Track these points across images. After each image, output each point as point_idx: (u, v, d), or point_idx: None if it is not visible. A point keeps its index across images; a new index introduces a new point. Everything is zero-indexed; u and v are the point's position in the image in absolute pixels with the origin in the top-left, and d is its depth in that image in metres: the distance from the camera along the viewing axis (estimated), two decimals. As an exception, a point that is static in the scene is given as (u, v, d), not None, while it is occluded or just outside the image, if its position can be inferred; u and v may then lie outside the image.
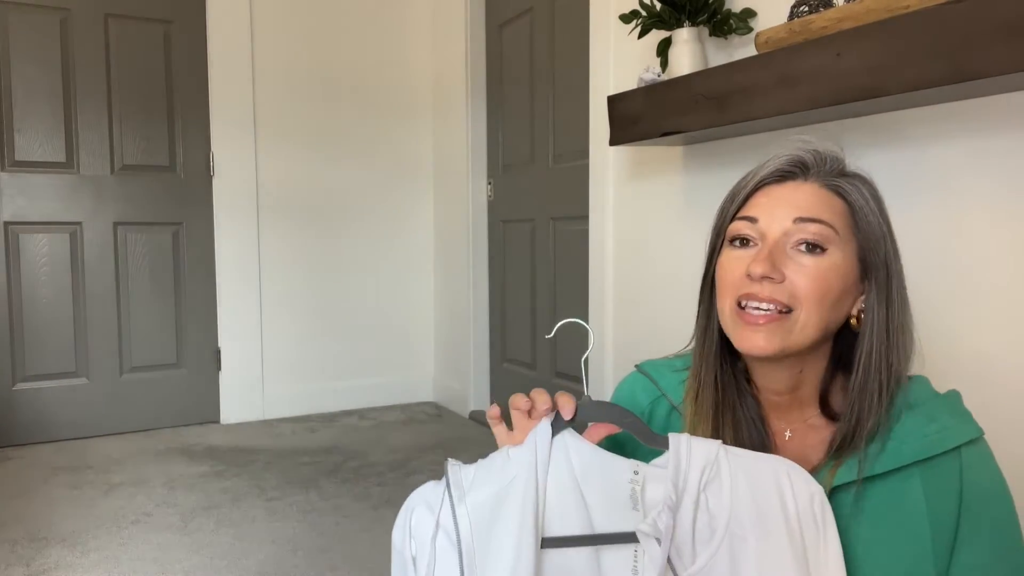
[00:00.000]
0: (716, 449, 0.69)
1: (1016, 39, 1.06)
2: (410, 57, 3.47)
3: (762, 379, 0.82)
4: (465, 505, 0.66)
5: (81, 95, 2.91)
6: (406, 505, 0.69)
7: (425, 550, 0.66)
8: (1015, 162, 1.26)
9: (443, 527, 0.66)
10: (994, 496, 0.74)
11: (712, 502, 0.67)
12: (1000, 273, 1.30)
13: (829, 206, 0.76)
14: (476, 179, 3.22)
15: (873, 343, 0.76)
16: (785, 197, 0.77)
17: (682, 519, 0.66)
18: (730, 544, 0.65)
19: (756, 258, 0.75)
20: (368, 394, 3.46)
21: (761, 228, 0.77)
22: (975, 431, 0.75)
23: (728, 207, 0.81)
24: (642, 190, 2.18)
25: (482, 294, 3.27)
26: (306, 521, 2.14)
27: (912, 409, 0.76)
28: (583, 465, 0.68)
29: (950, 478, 0.73)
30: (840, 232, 0.75)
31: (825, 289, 0.74)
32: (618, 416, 0.71)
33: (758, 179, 0.79)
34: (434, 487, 0.69)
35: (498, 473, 0.68)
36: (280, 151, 3.22)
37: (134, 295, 3.04)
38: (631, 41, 2.07)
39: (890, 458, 0.73)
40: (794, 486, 0.68)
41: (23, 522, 2.14)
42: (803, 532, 0.67)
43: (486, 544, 0.65)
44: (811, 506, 0.68)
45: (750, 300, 0.75)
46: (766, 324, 0.74)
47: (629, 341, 2.27)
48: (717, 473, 0.67)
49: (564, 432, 0.69)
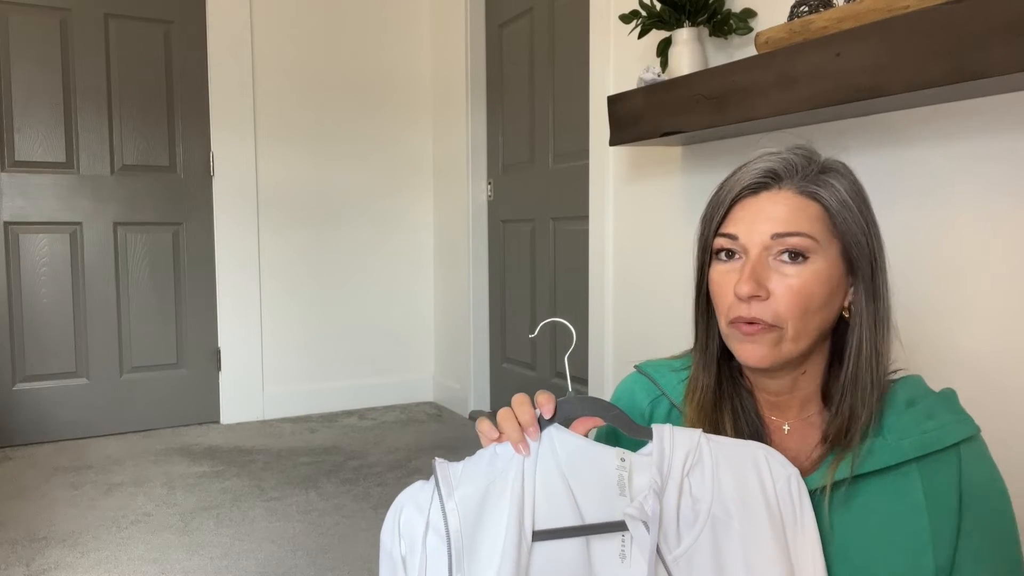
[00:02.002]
0: (698, 437, 0.71)
1: (1016, 39, 1.06)
2: (410, 57, 3.47)
3: (762, 383, 0.83)
4: (454, 499, 0.67)
5: (81, 95, 2.91)
6: (394, 505, 0.69)
7: (416, 549, 0.66)
8: (1015, 162, 1.26)
9: (433, 526, 0.67)
10: (992, 492, 0.76)
11: (695, 487, 0.69)
12: (1000, 273, 1.29)
13: (806, 214, 0.76)
14: (476, 179, 3.22)
15: (863, 336, 0.78)
16: (762, 210, 0.77)
17: (667, 503, 0.68)
18: (713, 527, 0.68)
19: (741, 277, 0.76)
20: (368, 394, 3.46)
21: (742, 244, 0.78)
22: (972, 428, 0.76)
23: (709, 222, 0.82)
24: (642, 190, 2.18)
25: (482, 294, 3.27)
26: (306, 521, 2.14)
27: (912, 406, 0.77)
28: (570, 457, 0.69)
29: (949, 474, 0.74)
30: (820, 239, 0.76)
31: (807, 300, 0.75)
32: (601, 410, 0.72)
33: (734, 194, 0.79)
34: (422, 486, 0.70)
35: (486, 468, 0.69)
36: (280, 151, 3.22)
37: (134, 295, 3.04)
38: (631, 41, 2.08)
39: (889, 454, 0.74)
40: (772, 470, 0.71)
41: (23, 522, 2.14)
42: (782, 513, 0.70)
43: (474, 538, 0.66)
44: (788, 488, 0.71)
45: (741, 322, 0.77)
46: (759, 335, 0.76)
47: (629, 341, 2.27)
48: (699, 459, 0.70)
49: (550, 427, 0.70)
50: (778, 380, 0.81)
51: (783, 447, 0.81)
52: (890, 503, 0.74)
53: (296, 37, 3.24)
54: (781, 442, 0.82)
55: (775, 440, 0.83)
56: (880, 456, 0.74)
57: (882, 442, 0.75)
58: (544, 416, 0.71)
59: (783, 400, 0.83)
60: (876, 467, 0.74)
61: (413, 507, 0.68)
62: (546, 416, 0.71)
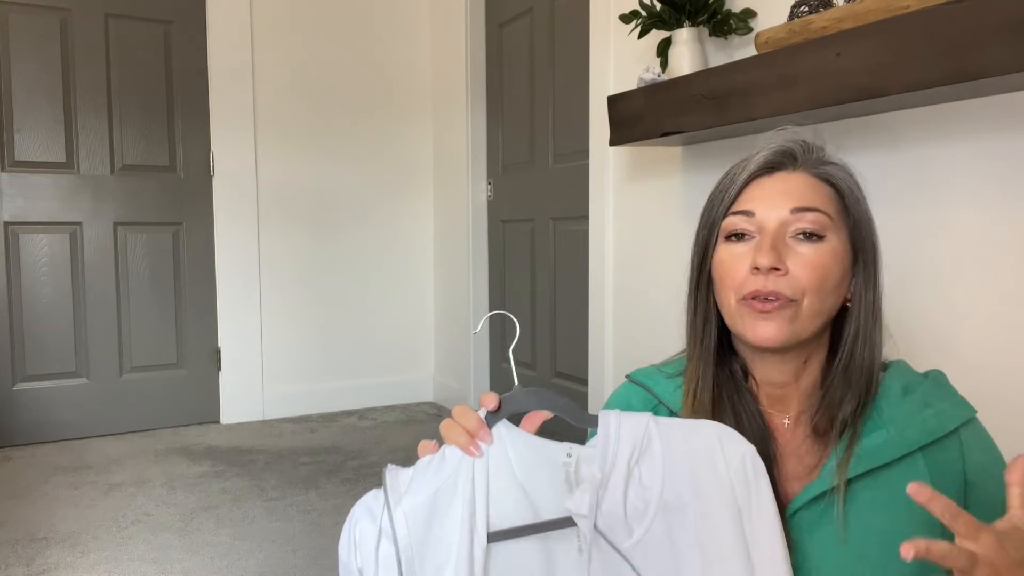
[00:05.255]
0: (646, 422, 0.69)
1: (1016, 39, 1.06)
2: (410, 57, 3.47)
3: (765, 373, 0.81)
4: (401, 508, 0.65)
5: (81, 95, 2.91)
6: (349, 517, 0.68)
7: (369, 560, 0.65)
8: (1016, 162, 1.26)
9: (385, 533, 0.65)
10: (996, 471, 0.74)
11: (645, 476, 0.67)
12: (1000, 273, 1.29)
13: (821, 194, 0.77)
14: (476, 179, 3.22)
15: (860, 324, 0.78)
16: (778, 188, 0.77)
17: (613, 495, 0.66)
18: (666, 515, 0.66)
19: (760, 249, 0.75)
20: (368, 394, 3.46)
21: (758, 220, 0.77)
22: (970, 411, 0.77)
23: (719, 203, 0.81)
24: (642, 190, 2.18)
25: (482, 294, 3.27)
26: (306, 521, 2.14)
27: (908, 393, 0.77)
28: (520, 455, 0.67)
29: (953, 459, 0.75)
30: (834, 219, 0.76)
31: (825, 276, 0.75)
32: (548, 401, 0.70)
33: (749, 172, 0.79)
34: (375, 495, 0.68)
35: (434, 473, 0.68)
36: (280, 151, 3.22)
37: (134, 295, 3.04)
38: (631, 41, 2.08)
39: (896, 446, 0.74)
40: (725, 449, 0.69)
41: (23, 522, 2.14)
42: (735, 491, 0.68)
43: (425, 543, 0.65)
44: (743, 466, 0.69)
45: (759, 295, 0.75)
46: (775, 311, 0.75)
47: (629, 341, 2.27)
48: (648, 446, 0.68)
49: (498, 425, 0.69)
50: (784, 367, 0.80)
51: (785, 445, 0.80)
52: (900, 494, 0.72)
53: (296, 37, 3.24)
54: (782, 439, 0.81)
55: (778, 437, 0.81)
56: (888, 450, 0.74)
57: (886, 435, 0.75)
58: (489, 409, 0.69)
59: (785, 393, 0.81)
60: (885, 460, 0.74)
61: (367, 518, 0.67)
62: (490, 408, 0.68)
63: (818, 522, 0.75)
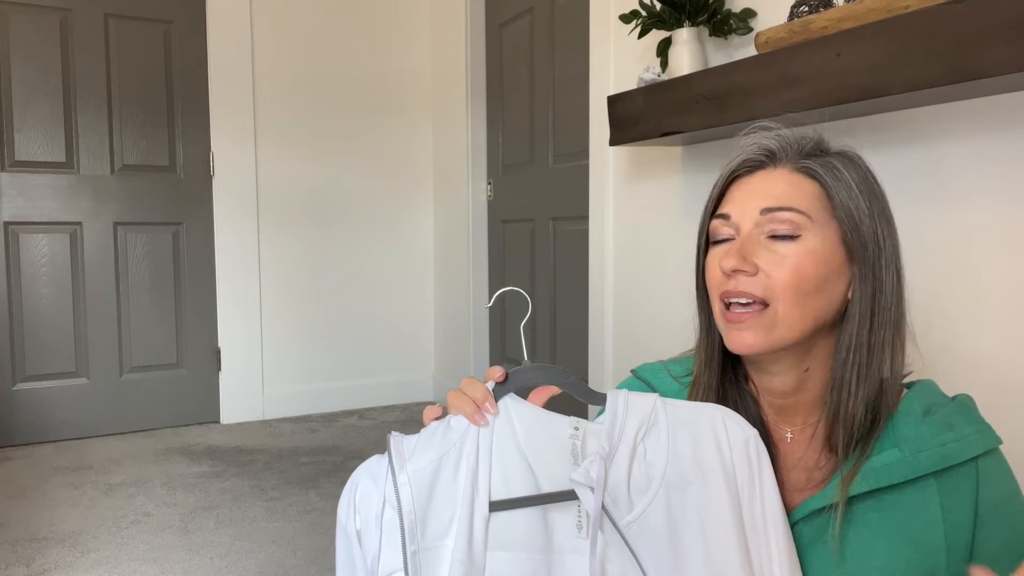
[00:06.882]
0: (653, 401, 0.70)
1: (1016, 39, 1.06)
2: (410, 57, 3.47)
3: (764, 382, 0.80)
4: (406, 472, 0.66)
5: (81, 95, 2.91)
6: (351, 479, 0.68)
7: (371, 524, 0.65)
8: (1016, 161, 1.26)
9: (389, 500, 0.65)
10: (1010, 510, 0.72)
11: (650, 452, 0.68)
12: (1000, 272, 1.29)
13: (800, 191, 0.74)
14: (476, 179, 3.22)
15: (854, 329, 0.73)
16: (756, 189, 0.76)
17: (618, 469, 0.67)
18: (667, 493, 0.67)
19: (727, 253, 0.74)
20: (368, 394, 3.46)
21: (735, 223, 0.76)
22: (993, 441, 0.72)
23: (706, 207, 0.80)
24: (642, 190, 2.18)
25: (482, 294, 3.27)
26: (306, 521, 2.14)
27: (929, 415, 0.73)
28: (527, 428, 0.68)
29: (966, 489, 0.71)
30: (814, 216, 0.73)
31: (801, 277, 0.72)
32: (557, 377, 0.71)
33: (728, 173, 0.78)
34: (378, 460, 0.68)
35: (439, 440, 0.68)
36: (280, 151, 3.22)
37: (134, 295, 3.04)
38: (631, 41, 2.07)
39: (907, 468, 0.70)
40: (729, 432, 0.70)
41: (23, 522, 2.14)
42: (736, 475, 0.68)
43: (427, 510, 0.65)
44: (745, 450, 0.69)
45: (729, 297, 0.74)
46: (750, 319, 0.73)
47: (629, 341, 2.27)
48: (655, 424, 0.69)
49: (505, 397, 0.69)
50: (782, 377, 0.78)
51: (788, 457, 0.78)
52: (907, 518, 0.71)
53: (296, 37, 3.24)
54: (786, 451, 0.79)
55: (780, 449, 0.79)
56: (897, 470, 0.70)
57: (899, 455, 0.71)
58: (496, 381, 0.69)
59: (789, 403, 0.79)
60: (894, 481, 0.70)
61: (369, 480, 0.67)
62: (497, 380, 0.69)
63: (818, 538, 0.73)
